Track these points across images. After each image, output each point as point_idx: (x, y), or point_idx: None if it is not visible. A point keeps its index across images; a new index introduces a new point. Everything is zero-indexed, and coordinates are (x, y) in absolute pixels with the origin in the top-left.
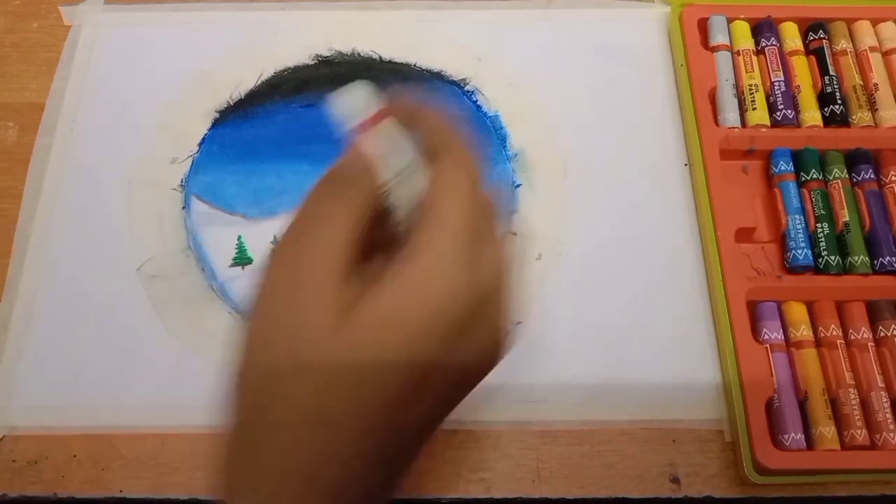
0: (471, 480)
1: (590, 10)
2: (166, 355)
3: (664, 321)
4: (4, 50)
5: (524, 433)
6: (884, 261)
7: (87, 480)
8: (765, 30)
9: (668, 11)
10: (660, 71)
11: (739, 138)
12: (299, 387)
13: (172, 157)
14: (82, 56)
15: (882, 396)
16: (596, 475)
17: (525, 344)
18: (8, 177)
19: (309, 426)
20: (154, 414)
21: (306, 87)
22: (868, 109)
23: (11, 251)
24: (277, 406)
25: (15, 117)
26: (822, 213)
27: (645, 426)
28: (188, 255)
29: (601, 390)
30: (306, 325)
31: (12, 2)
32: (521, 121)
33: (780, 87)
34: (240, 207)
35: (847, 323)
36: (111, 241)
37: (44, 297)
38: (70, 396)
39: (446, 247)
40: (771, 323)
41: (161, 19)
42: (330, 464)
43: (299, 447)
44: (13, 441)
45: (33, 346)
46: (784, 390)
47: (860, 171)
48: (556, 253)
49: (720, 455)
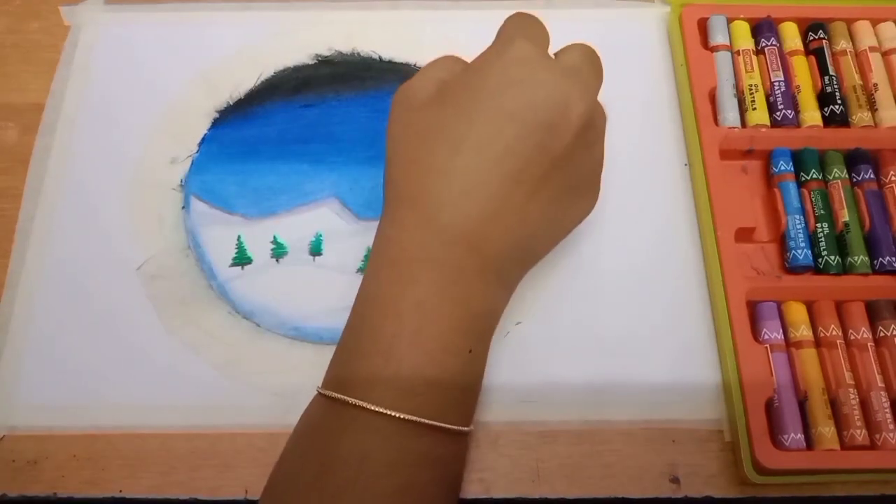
0: (470, 480)
1: (589, 9)
2: (166, 355)
3: (664, 321)
4: (4, 50)
5: (523, 433)
6: (883, 261)
7: (86, 480)
8: (765, 30)
9: (667, 11)
10: (659, 71)
11: (739, 138)
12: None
13: (172, 157)
14: (82, 56)
15: (882, 396)
16: (595, 475)
17: (524, 343)
18: (8, 177)
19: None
20: (154, 413)
21: (306, 87)
22: (868, 109)
23: (11, 251)
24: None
25: (15, 117)
26: (822, 212)
27: (644, 426)
28: (188, 255)
29: (600, 390)
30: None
31: (12, 2)
32: None
33: (780, 87)
34: (239, 207)
35: (847, 323)
36: (111, 241)
37: (44, 297)
38: (70, 396)
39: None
40: (770, 323)
41: (161, 19)
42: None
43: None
44: (13, 441)
45: (33, 346)
46: (784, 390)
47: (860, 171)
48: (555, 253)
49: (720, 455)
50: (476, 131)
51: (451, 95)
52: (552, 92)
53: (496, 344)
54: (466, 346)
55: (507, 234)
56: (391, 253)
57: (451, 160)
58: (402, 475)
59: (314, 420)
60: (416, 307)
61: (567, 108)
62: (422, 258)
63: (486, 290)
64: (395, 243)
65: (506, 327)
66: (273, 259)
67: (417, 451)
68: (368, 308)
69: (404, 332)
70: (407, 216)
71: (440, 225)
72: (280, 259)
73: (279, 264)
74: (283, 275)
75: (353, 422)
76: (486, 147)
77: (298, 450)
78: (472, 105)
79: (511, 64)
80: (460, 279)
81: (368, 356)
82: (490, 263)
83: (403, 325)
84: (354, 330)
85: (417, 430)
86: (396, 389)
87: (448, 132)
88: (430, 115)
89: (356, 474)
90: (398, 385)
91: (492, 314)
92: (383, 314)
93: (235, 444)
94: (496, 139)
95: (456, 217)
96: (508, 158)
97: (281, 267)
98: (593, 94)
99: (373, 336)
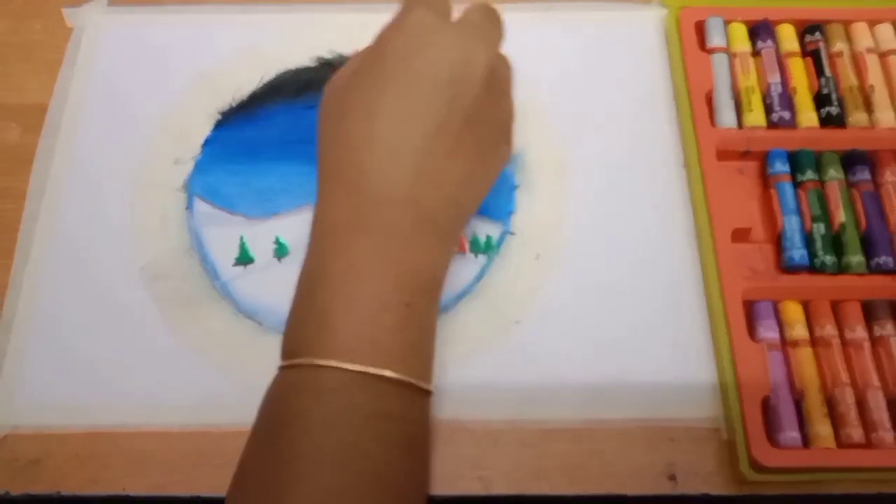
0: (470, 478)
1: (587, 11)
2: (169, 354)
3: (661, 321)
4: (7, 51)
5: (523, 431)
6: (879, 261)
7: (88, 479)
8: (761, 32)
9: (665, 13)
10: (657, 72)
11: (736, 139)
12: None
13: (175, 158)
14: (85, 57)
15: (878, 395)
16: (594, 473)
17: (524, 342)
18: (11, 178)
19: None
20: (156, 412)
21: (308, 89)
22: (864, 111)
23: (14, 251)
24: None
25: (18, 118)
26: (818, 213)
27: (643, 425)
28: (191, 256)
29: (599, 389)
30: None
31: (15, 2)
32: (520, 121)
33: (777, 88)
34: (242, 208)
35: (843, 322)
36: (114, 242)
37: (46, 297)
38: (72, 395)
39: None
40: (767, 322)
41: (164, 21)
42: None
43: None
44: (15, 440)
45: (36, 346)
46: (780, 389)
47: (856, 172)
48: (554, 253)
49: (717, 453)
50: (390, 97)
51: (363, 71)
52: (455, 49)
53: (496, 344)
54: (403, 300)
55: (435, 191)
56: (324, 228)
57: (371, 128)
58: (343, 432)
59: (268, 392)
60: (347, 271)
61: (470, 62)
62: (354, 226)
63: (424, 243)
64: (328, 218)
65: (506, 327)
66: (275, 259)
67: (358, 406)
68: (305, 283)
69: (337, 296)
70: (336, 190)
71: (369, 191)
72: (282, 259)
73: (281, 264)
74: (286, 275)
75: (296, 384)
76: (401, 110)
77: (256, 424)
78: (382, 74)
79: (412, 31)
80: (393, 237)
81: (306, 324)
82: (424, 217)
83: (336, 290)
84: (295, 305)
85: (358, 384)
86: (332, 348)
87: (364, 103)
88: (347, 93)
89: (298, 434)
90: (335, 345)
91: (434, 266)
92: (318, 285)
93: (237, 442)
94: (410, 101)
95: (382, 181)
96: (424, 118)
97: (283, 267)
98: (494, 46)
99: (310, 306)
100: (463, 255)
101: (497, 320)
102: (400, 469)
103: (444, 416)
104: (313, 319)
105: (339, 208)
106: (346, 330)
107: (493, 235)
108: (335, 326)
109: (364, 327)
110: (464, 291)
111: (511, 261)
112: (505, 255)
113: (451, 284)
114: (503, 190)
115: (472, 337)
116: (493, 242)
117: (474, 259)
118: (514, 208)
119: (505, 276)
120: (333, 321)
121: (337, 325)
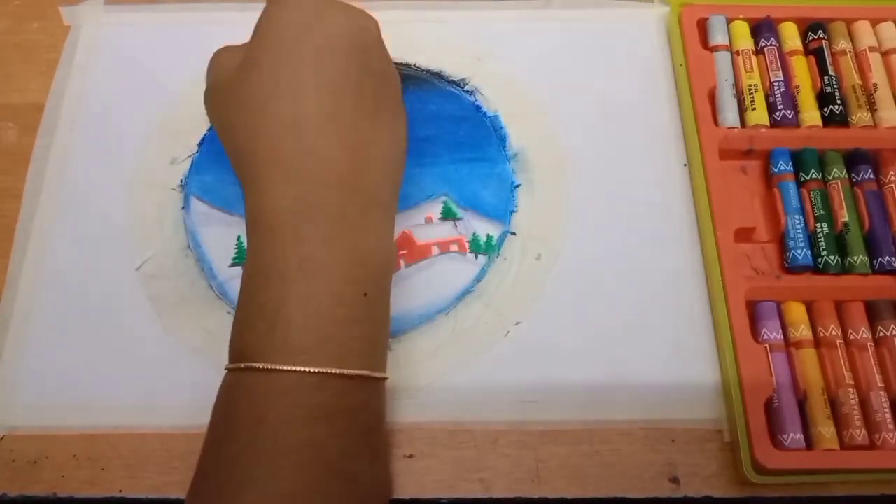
0: (470, 480)
1: (589, 9)
2: (166, 355)
3: (663, 321)
4: (5, 50)
5: (523, 433)
6: (883, 261)
7: (86, 480)
8: (764, 30)
9: (667, 11)
10: (659, 71)
11: (739, 138)
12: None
13: (172, 158)
14: (82, 56)
15: (881, 396)
16: (595, 475)
17: (524, 343)
18: (8, 177)
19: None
20: (154, 413)
21: None
22: (867, 109)
23: (11, 251)
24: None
25: (15, 117)
26: (822, 213)
27: (644, 426)
28: (188, 255)
29: (600, 390)
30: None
31: (12, 2)
32: (521, 120)
33: (780, 87)
34: (239, 207)
35: (846, 323)
36: (111, 241)
37: (44, 297)
38: (70, 396)
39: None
40: (770, 323)
41: (161, 20)
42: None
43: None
44: (13, 441)
45: (33, 346)
46: (783, 390)
47: (859, 171)
48: (555, 253)
49: (719, 455)
50: (306, 76)
51: (260, 59)
52: (349, 19)
53: (496, 344)
54: (360, 291)
55: (373, 164)
56: (267, 221)
57: (295, 111)
58: (299, 431)
59: (219, 397)
60: (299, 266)
61: (367, 28)
62: (301, 215)
63: (373, 225)
64: (269, 210)
65: (506, 327)
66: None
67: (313, 405)
68: (252, 281)
69: (291, 294)
70: (274, 178)
71: (311, 174)
72: None
73: None
74: None
75: (249, 388)
76: (322, 87)
77: (209, 428)
78: (287, 57)
79: (296, 12)
80: (343, 222)
81: (257, 324)
82: (369, 197)
83: (289, 287)
84: (242, 304)
85: (312, 383)
86: (285, 349)
87: (279, 88)
88: (250, 83)
89: (253, 438)
90: (287, 345)
91: (384, 251)
92: (268, 283)
93: None
94: (327, 76)
95: (321, 161)
96: (343, 90)
97: None
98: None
99: (261, 305)
100: (463, 255)
101: (497, 321)
102: (359, 460)
103: (444, 417)
104: (264, 319)
105: (280, 198)
106: (301, 328)
107: (493, 235)
108: (289, 326)
109: (320, 323)
110: (464, 291)
111: (512, 261)
112: (505, 255)
113: (451, 284)
114: (504, 189)
115: (472, 337)
116: (493, 242)
117: (474, 259)
118: (515, 208)
119: (505, 277)
120: (287, 320)
121: (291, 325)
